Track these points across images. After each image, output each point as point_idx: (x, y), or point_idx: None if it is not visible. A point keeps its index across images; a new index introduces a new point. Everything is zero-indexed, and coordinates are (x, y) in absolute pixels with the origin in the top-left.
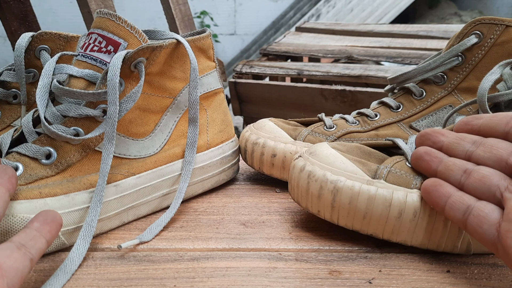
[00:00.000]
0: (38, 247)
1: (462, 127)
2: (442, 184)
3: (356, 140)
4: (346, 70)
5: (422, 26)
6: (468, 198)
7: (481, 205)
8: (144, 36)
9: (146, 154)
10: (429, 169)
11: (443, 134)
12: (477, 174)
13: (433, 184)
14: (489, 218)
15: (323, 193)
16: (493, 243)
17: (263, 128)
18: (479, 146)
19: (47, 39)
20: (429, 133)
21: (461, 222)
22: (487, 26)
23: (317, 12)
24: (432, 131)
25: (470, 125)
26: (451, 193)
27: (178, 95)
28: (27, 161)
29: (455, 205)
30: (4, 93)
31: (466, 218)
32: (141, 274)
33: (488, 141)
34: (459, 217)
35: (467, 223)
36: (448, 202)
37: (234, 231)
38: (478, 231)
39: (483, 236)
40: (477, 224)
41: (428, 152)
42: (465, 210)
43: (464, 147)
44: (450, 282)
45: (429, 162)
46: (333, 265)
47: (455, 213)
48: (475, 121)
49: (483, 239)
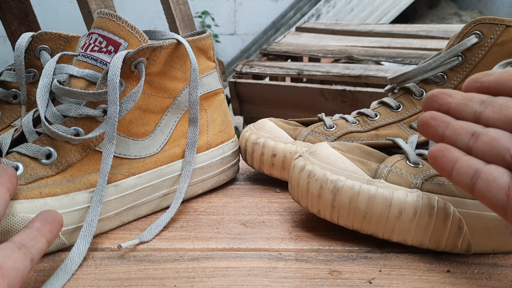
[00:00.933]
0: (39, 247)
1: (471, 85)
2: (449, 149)
3: (356, 140)
4: (346, 70)
5: (422, 26)
6: (476, 162)
7: (490, 168)
8: (144, 36)
9: (146, 154)
10: (435, 134)
11: (451, 95)
12: (486, 136)
13: (440, 149)
14: (498, 182)
15: (323, 192)
16: (502, 207)
17: (263, 128)
18: (487, 106)
19: (47, 39)
20: (435, 95)
21: (468, 187)
22: (487, 26)
23: (317, 12)
24: (438, 92)
25: (479, 82)
26: (458, 158)
27: (178, 95)
28: (27, 161)
29: (462, 170)
30: (4, 93)
31: (474, 182)
32: (141, 274)
33: (497, 100)
34: (467, 182)
35: (475, 187)
36: (455, 167)
37: (234, 231)
38: (486, 195)
39: (492, 200)
40: (485, 188)
41: (434, 116)
42: (473, 175)
43: (472, 108)
44: (450, 282)
45: (435, 127)
46: (333, 265)
47: (463, 177)
48: (485, 77)
49: (492, 204)
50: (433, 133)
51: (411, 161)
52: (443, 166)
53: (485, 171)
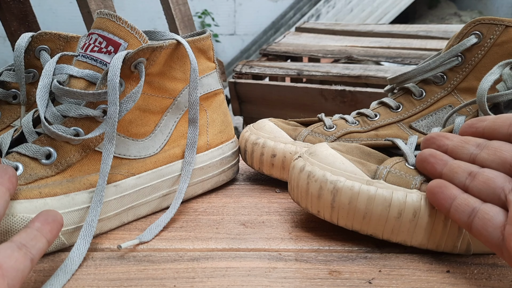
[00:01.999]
0: (39, 247)
1: (467, 130)
2: (448, 186)
3: (356, 140)
4: (346, 70)
5: (422, 26)
6: (473, 201)
7: (486, 207)
8: (144, 37)
9: (146, 154)
10: (434, 171)
11: (448, 138)
12: (482, 176)
13: (439, 185)
14: (494, 221)
15: (323, 193)
16: (498, 246)
17: (263, 128)
18: (483, 149)
19: (47, 39)
20: (434, 137)
21: (466, 224)
22: (487, 26)
23: (317, 12)
24: (437, 135)
25: (474, 128)
26: (456, 195)
27: (178, 96)
28: (27, 161)
29: (460, 208)
30: (4, 93)
31: (471, 220)
32: (141, 274)
33: (492, 144)
34: (464, 220)
35: (472, 225)
36: (453, 204)
37: (234, 231)
38: (483, 233)
39: (488, 238)
40: (482, 227)
41: (433, 154)
42: (470, 213)
43: (469, 150)
44: (450, 282)
45: (434, 164)
46: (333, 265)
47: (460, 215)
48: (479, 123)
49: (488, 242)
50: (432, 170)
51: (410, 163)
52: (442, 202)
53: (481, 210)
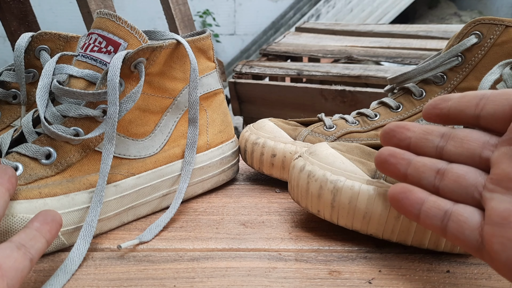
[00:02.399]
0: (38, 247)
1: (430, 111)
2: (412, 190)
3: (356, 140)
4: (346, 70)
5: (422, 26)
6: (444, 203)
7: (459, 208)
8: (144, 37)
9: (146, 154)
10: (397, 173)
11: (409, 129)
12: (451, 174)
13: (402, 190)
14: (470, 222)
15: (323, 193)
16: (477, 249)
17: (263, 128)
18: (448, 139)
19: (46, 39)
20: (393, 130)
21: (440, 230)
22: (487, 26)
23: (317, 12)
24: (396, 126)
25: (438, 109)
26: (423, 199)
27: (178, 96)
28: (27, 161)
29: (430, 212)
30: (4, 93)
31: (445, 225)
32: (141, 274)
33: (457, 134)
34: (438, 225)
35: (446, 230)
36: (422, 209)
37: (234, 231)
38: (459, 237)
39: (465, 242)
40: (457, 230)
41: (393, 153)
42: (443, 216)
43: (433, 143)
44: (450, 282)
45: (396, 165)
46: (333, 265)
47: (432, 220)
48: (444, 103)
49: (466, 246)
50: (394, 172)
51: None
52: (409, 209)
53: (454, 211)
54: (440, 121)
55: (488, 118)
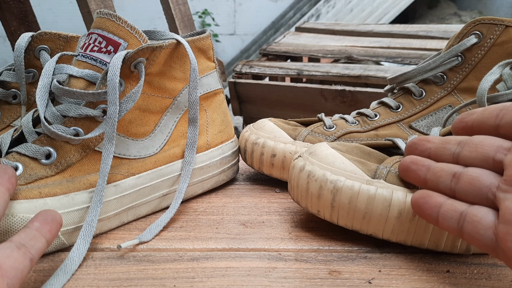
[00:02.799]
0: (38, 246)
1: (457, 125)
2: (431, 195)
3: (356, 140)
4: (346, 70)
5: (422, 26)
6: (460, 205)
7: (474, 209)
8: (144, 37)
9: (146, 154)
10: (417, 178)
11: (430, 141)
12: (466, 177)
13: (422, 196)
14: (484, 222)
15: (323, 193)
16: (492, 248)
17: (263, 128)
18: (464, 146)
19: (46, 39)
20: (415, 143)
21: (456, 231)
22: (487, 26)
23: (316, 12)
24: (418, 140)
25: (464, 122)
26: (441, 203)
27: (178, 96)
28: (27, 161)
29: (447, 214)
30: (4, 93)
31: (461, 226)
32: (141, 274)
33: (473, 140)
34: (454, 226)
35: (463, 231)
36: (440, 212)
37: (234, 231)
38: (475, 237)
39: (480, 241)
40: (473, 230)
41: (414, 161)
42: (459, 218)
43: (450, 150)
44: (450, 282)
45: (416, 171)
46: (333, 265)
47: (449, 222)
48: (469, 117)
49: (481, 245)
50: (415, 177)
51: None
52: (428, 213)
53: (469, 213)
54: (466, 133)
55: (506, 127)
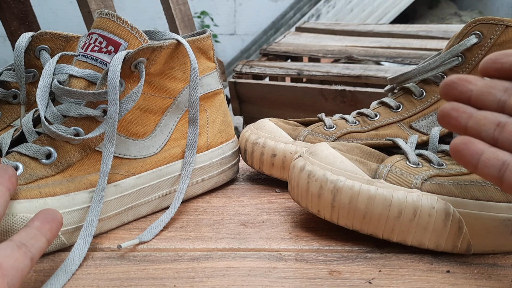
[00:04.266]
0: (39, 246)
1: (490, 66)
2: (473, 141)
3: (356, 140)
4: (346, 70)
5: (422, 26)
6: (503, 154)
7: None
8: (144, 37)
9: (146, 154)
10: (458, 126)
11: (471, 82)
12: (511, 127)
13: (463, 142)
14: None
15: (323, 192)
16: None
17: (263, 128)
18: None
19: (47, 39)
20: (455, 81)
21: (496, 179)
22: (487, 26)
23: (317, 12)
24: (458, 79)
25: (499, 63)
26: (483, 150)
27: (178, 96)
28: (27, 161)
29: (489, 162)
30: (4, 93)
31: (502, 174)
32: (141, 274)
33: None
34: (495, 175)
35: (503, 180)
36: (481, 159)
37: (234, 231)
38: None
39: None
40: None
41: (456, 107)
42: (500, 167)
43: (496, 97)
44: (450, 282)
45: (457, 118)
46: (333, 265)
47: (489, 170)
48: (505, 58)
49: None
50: (455, 125)
51: (410, 161)
52: (468, 159)
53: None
54: (500, 76)
55: None
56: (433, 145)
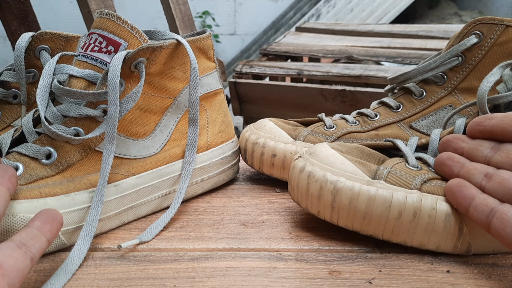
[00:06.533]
0: (39, 246)
1: (474, 128)
2: (467, 185)
3: (356, 140)
4: (346, 70)
5: (422, 26)
6: (492, 201)
7: (504, 208)
8: (144, 37)
9: (146, 154)
10: (451, 173)
11: (463, 140)
12: (497, 177)
13: (458, 184)
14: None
15: (323, 193)
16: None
17: (263, 128)
18: (497, 151)
19: (47, 39)
20: (450, 140)
21: (484, 224)
22: (487, 26)
23: (317, 12)
24: (453, 138)
25: (482, 126)
26: (475, 195)
27: (178, 96)
28: (27, 161)
29: (479, 207)
30: (4, 93)
31: (489, 220)
32: (141, 274)
33: (505, 146)
34: (483, 219)
35: (490, 225)
36: (472, 204)
37: (234, 231)
38: (501, 234)
39: (506, 239)
40: (500, 227)
41: (451, 157)
42: (489, 213)
43: (483, 153)
44: (450, 282)
45: (451, 166)
46: (333, 265)
47: (479, 215)
48: (487, 121)
49: (506, 242)
50: (449, 172)
51: (410, 164)
52: (461, 202)
53: (500, 210)
54: (484, 137)
55: None
56: (432, 148)
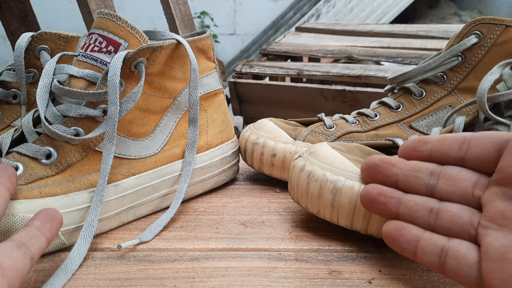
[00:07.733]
0: (39, 245)
1: (410, 154)
2: (406, 227)
3: (356, 140)
4: (346, 70)
5: (422, 26)
6: (440, 239)
7: (455, 245)
8: (144, 37)
9: (146, 154)
10: (388, 212)
11: (395, 165)
12: (446, 213)
13: (396, 228)
14: (468, 258)
15: (323, 193)
16: (476, 284)
17: (263, 128)
18: (439, 178)
19: (47, 39)
20: (379, 165)
21: (438, 266)
22: (487, 26)
23: (317, 12)
24: (381, 162)
25: (418, 151)
26: (418, 236)
27: (178, 96)
28: (27, 161)
29: (427, 249)
30: (4, 93)
31: (443, 261)
32: (141, 274)
33: (448, 172)
34: (435, 261)
35: (445, 267)
36: (419, 246)
37: (234, 231)
38: (459, 274)
39: (465, 279)
40: (456, 267)
41: (382, 192)
42: (440, 253)
43: (424, 180)
44: (450, 282)
45: (386, 204)
46: (333, 265)
47: (429, 257)
48: (423, 146)
49: (465, 283)
50: (385, 211)
51: None
52: (405, 246)
53: (451, 248)
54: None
55: (474, 161)
56: None
